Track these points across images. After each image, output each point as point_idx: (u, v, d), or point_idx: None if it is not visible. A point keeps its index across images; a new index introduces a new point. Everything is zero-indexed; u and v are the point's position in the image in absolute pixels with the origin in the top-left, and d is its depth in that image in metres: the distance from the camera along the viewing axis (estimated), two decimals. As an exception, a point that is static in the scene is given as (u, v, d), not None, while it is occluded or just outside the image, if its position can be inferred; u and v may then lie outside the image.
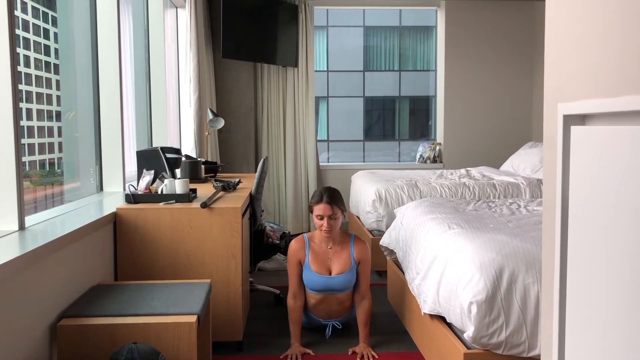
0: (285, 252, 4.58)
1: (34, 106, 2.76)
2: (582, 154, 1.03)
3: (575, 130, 1.06)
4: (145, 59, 4.16)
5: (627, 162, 0.88)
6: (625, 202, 0.89)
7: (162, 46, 4.26)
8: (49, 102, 2.91)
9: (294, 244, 3.05)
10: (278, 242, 4.42)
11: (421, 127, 19.55)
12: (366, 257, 3.01)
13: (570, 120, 1.10)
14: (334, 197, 2.96)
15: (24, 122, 2.59)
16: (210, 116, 4.43)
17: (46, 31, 2.84)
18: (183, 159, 3.73)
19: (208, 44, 5.32)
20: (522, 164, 5.22)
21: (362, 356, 2.83)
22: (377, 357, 2.83)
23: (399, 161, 12.76)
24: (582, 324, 1.04)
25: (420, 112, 19.64)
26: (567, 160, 1.10)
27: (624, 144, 0.89)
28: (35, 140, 2.75)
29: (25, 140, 2.60)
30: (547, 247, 1.22)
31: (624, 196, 0.89)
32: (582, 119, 1.09)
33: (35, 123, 2.77)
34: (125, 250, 2.69)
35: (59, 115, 3.04)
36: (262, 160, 3.43)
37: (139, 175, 3.03)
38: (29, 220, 2.22)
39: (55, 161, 3.02)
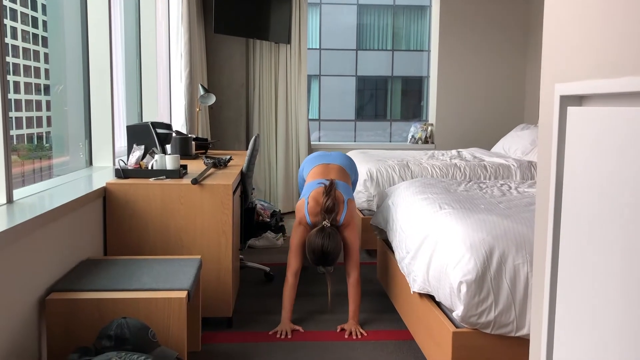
0: (275, 231, 4.58)
1: (22, 79, 2.71)
2: (578, 135, 1.03)
3: (572, 111, 1.06)
4: (136, 32, 4.10)
5: (623, 143, 0.88)
6: (620, 184, 0.89)
7: (153, 20, 4.19)
8: (37, 75, 2.86)
9: (301, 228, 2.98)
10: (268, 220, 4.42)
11: (413, 108, 19.53)
12: (350, 223, 2.98)
13: (567, 101, 1.09)
14: (329, 262, 2.87)
15: (11, 95, 2.54)
16: (202, 92, 4.39)
17: (34, 2, 2.78)
18: (174, 134, 3.70)
19: (200, 19, 5.24)
20: (513, 145, 5.23)
21: (351, 333, 2.85)
22: (365, 334, 2.86)
23: (390, 141, 12.75)
24: (572, 304, 1.04)
25: (412, 93, 19.60)
26: (563, 141, 1.10)
27: (621, 125, 0.89)
28: (23, 114, 2.71)
29: (13, 114, 2.55)
30: (539, 227, 1.22)
31: (620, 178, 0.89)
32: (579, 99, 1.08)
33: (23, 96, 2.72)
34: (114, 225, 2.68)
35: (47, 89, 2.99)
36: (253, 137, 3.41)
37: (129, 150, 3.01)
38: (17, 193, 2.20)
39: (44, 135, 2.98)
